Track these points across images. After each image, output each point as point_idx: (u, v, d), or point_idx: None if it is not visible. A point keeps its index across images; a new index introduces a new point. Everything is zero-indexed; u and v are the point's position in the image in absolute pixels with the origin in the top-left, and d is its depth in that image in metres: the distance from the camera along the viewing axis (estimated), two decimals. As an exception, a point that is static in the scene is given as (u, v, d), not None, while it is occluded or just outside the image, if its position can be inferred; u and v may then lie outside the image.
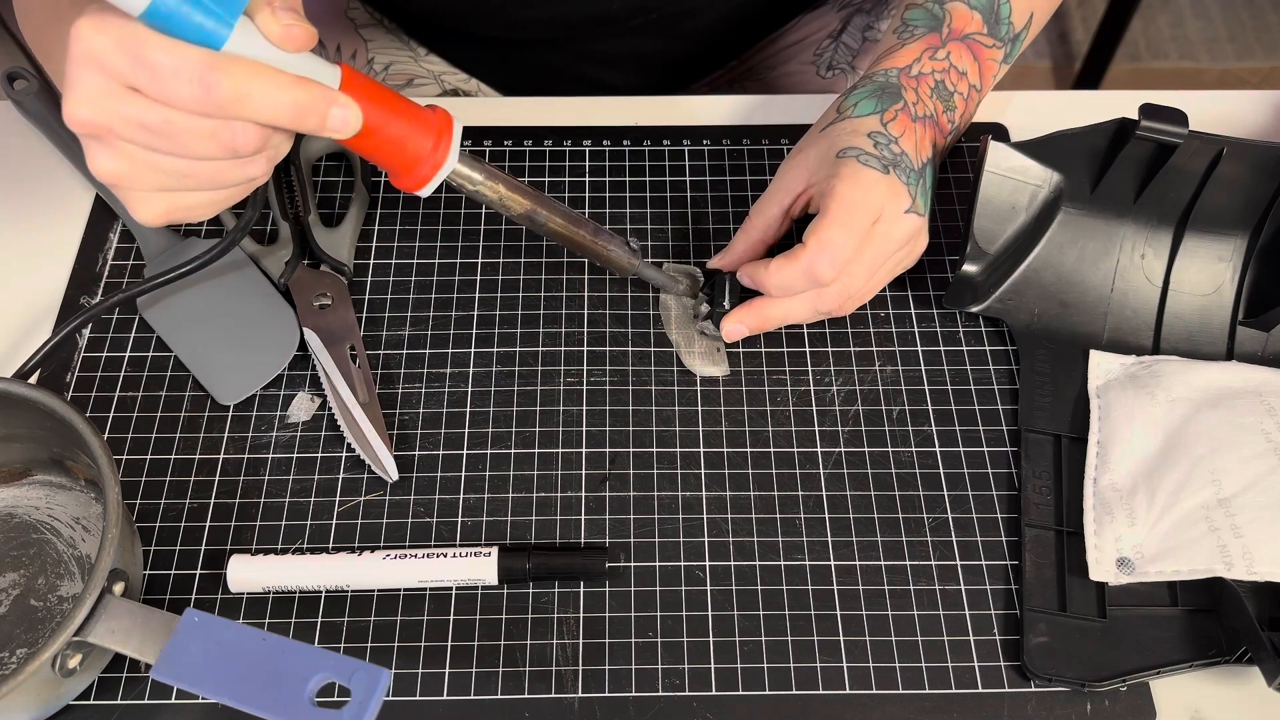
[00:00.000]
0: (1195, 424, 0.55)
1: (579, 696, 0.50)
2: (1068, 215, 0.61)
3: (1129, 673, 0.50)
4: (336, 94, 0.42)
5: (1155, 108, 0.57)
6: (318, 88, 0.41)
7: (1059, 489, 0.55)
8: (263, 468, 0.56)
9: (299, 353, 0.59)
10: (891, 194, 0.55)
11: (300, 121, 0.41)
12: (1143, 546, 0.52)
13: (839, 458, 0.57)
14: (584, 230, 0.55)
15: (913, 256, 0.59)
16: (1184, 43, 1.79)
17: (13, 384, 0.49)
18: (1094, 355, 0.59)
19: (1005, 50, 0.61)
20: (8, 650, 0.50)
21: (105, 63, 0.39)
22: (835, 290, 0.55)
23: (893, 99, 0.57)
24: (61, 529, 0.53)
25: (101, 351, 0.60)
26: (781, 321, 0.57)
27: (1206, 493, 0.53)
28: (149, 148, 0.41)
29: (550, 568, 0.52)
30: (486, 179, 0.51)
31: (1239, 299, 0.60)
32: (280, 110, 0.40)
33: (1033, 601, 0.52)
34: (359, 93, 0.43)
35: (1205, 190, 0.59)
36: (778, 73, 0.84)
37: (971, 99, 0.61)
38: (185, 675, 0.43)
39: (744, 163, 0.68)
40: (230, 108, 0.39)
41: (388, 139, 0.45)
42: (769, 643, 0.51)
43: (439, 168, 0.47)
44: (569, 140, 0.69)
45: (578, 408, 0.58)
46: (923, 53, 0.59)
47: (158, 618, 0.45)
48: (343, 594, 0.52)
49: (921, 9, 0.61)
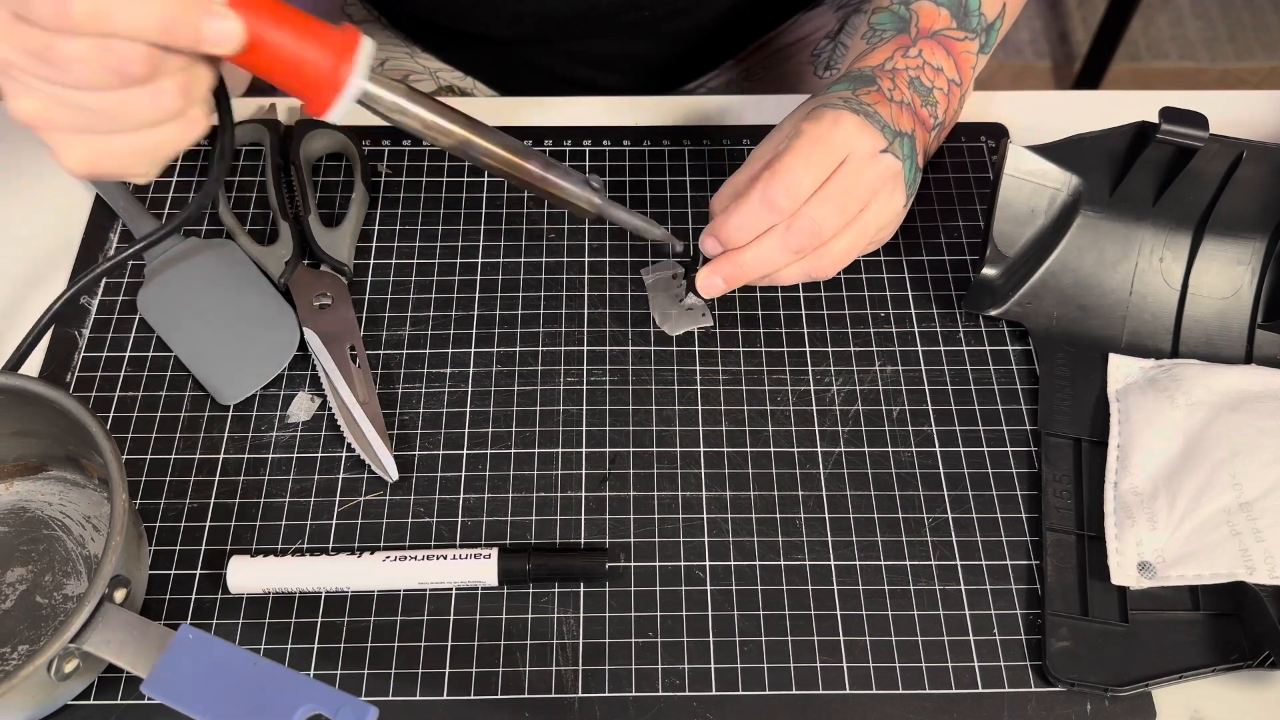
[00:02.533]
0: (1215, 428, 0.55)
1: (579, 696, 0.50)
2: (1086, 218, 0.61)
3: (1151, 678, 0.50)
4: (211, 4, 0.39)
5: (1176, 111, 0.56)
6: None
7: (1079, 493, 0.55)
8: (263, 468, 0.56)
9: (299, 353, 0.59)
10: (860, 130, 0.53)
11: (171, 36, 0.38)
12: (1164, 551, 0.52)
13: (839, 458, 0.57)
14: (531, 164, 0.50)
15: (891, 210, 0.55)
16: (1184, 43, 1.79)
17: (31, 382, 0.50)
18: (1113, 359, 0.59)
19: (980, 40, 0.61)
20: (9, 646, 0.50)
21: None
22: (805, 226, 0.52)
23: (868, 84, 0.57)
24: (72, 526, 0.53)
25: (101, 351, 0.60)
26: (759, 268, 0.53)
27: (1228, 497, 0.53)
28: (46, 79, 0.39)
29: (550, 569, 0.52)
30: (409, 104, 0.46)
31: (1258, 302, 0.60)
32: (146, 24, 0.38)
33: (1055, 606, 0.52)
34: (248, 5, 0.40)
35: (1224, 193, 0.59)
36: (775, 73, 0.84)
37: (953, 94, 0.60)
38: (174, 693, 0.43)
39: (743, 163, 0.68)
40: (91, 24, 0.37)
41: (281, 57, 0.42)
42: (769, 643, 0.51)
43: (339, 88, 0.43)
44: (569, 140, 0.69)
45: (578, 408, 0.58)
46: (894, 52, 0.59)
47: (153, 631, 0.45)
48: (343, 594, 0.52)
49: (887, 12, 0.61)
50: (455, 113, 0.48)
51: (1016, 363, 0.60)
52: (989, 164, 0.68)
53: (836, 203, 0.53)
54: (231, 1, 0.40)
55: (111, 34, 0.37)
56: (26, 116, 0.40)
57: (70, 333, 0.60)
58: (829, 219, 0.53)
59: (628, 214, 0.54)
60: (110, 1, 0.37)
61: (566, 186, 0.51)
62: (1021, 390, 0.59)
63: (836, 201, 0.53)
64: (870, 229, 0.55)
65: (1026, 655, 0.51)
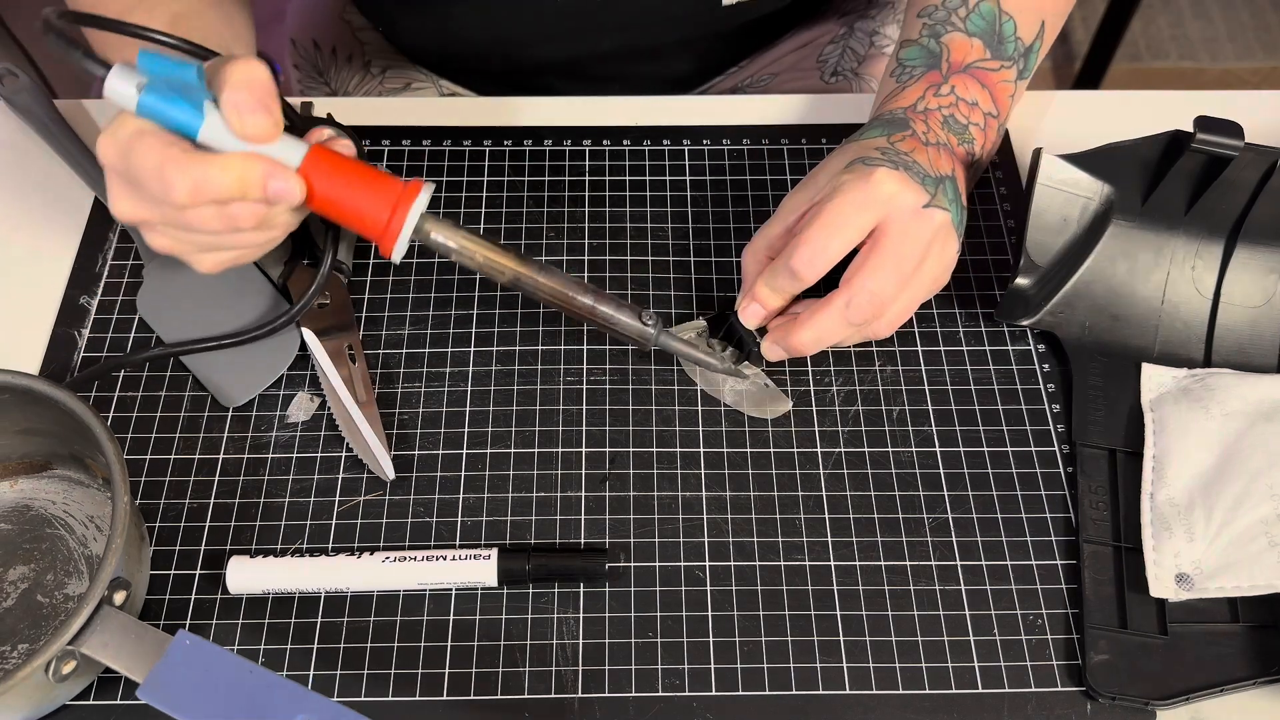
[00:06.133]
0: (1251, 438, 0.55)
1: (579, 696, 0.50)
2: (1118, 227, 0.61)
3: (1193, 690, 0.49)
4: (278, 167, 0.47)
5: (1210, 120, 0.56)
6: (258, 164, 0.46)
7: (1115, 504, 0.55)
8: (262, 468, 0.56)
9: (299, 353, 0.59)
10: (901, 187, 0.52)
11: (246, 191, 0.46)
12: (1202, 562, 0.52)
13: (839, 458, 0.57)
14: (584, 297, 0.53)
15: (945, 261, 0.55)
16: (1184, 43, 1.79)
17: (37, 381, 0.50)
18: (1146, 368, 0.59)
19: (1018, 68, 0.59)
20: (9, 645, 0.50)
21: (118, 171, 0.47)
22: (864, 301, 0.52)
23: (901, 128, 0.56)
24: (75, 526, 0.53)
25: (101, 351, 0.60)
26: (815, 339, 0.54)
27: (1265, 507, 0.52)
28: (178, 227, 0.48)
29: (550, 569, 0.52)
30: (467, 245, 0.52)
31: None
32: (229, 186, 0.46)
33: (1093, 618, 0.52)
34: (320, 166, 0.48)
35: (1258, 201, 0.58)
36: (780, 78, 0.84)
37: (990, 127, 0.59)
38: (170, 699, 0.44)
39: (744, 163, 0.68)
40: (191, 198, 0.45)
41: (347, 209, 0.50)
42: (769, 643, 0.51)
43: (395, 237, 0.50)
44: (569, 140, 0.69)
45: (578, 408, 0.58)
46: (926, 91, 0.58)
47: (150, 636, 0.45)
48: (342, 595, 0.52)
49: (917, 45, 0.59)
50: (509, 251, 0.53)
51: (1016, 362, 0.60)
52: (989, 164, 0.68)
53: (892, 269, 0.52)
54: (302, 168, 0.48)
55: (209, 202, 0.46)
56: (162, 249, 0.50)
57: (70, 333, 0.60)
58: (887, 287, 0.52)
59: (684, 345, 0.55)
60: (201, 178, 0.45)
61: (619, 319, 0.54)
62: (1021, 390, 0.59)
63: (892, 267, 0.52)
64: (926, 283, 0.54)
65: (1027, 655, 0.51)
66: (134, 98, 0.45)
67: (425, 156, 0.68)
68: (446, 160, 0.68)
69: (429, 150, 0.68)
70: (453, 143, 0.69)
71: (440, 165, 0.68)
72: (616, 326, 0.54)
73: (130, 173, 0.47)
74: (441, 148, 0.68)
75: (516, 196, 0.66)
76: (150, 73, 0.45)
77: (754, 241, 0.57)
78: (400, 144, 0.68)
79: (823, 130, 0.69)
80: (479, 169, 0.67)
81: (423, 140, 0.69)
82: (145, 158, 0.45)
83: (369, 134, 0.68)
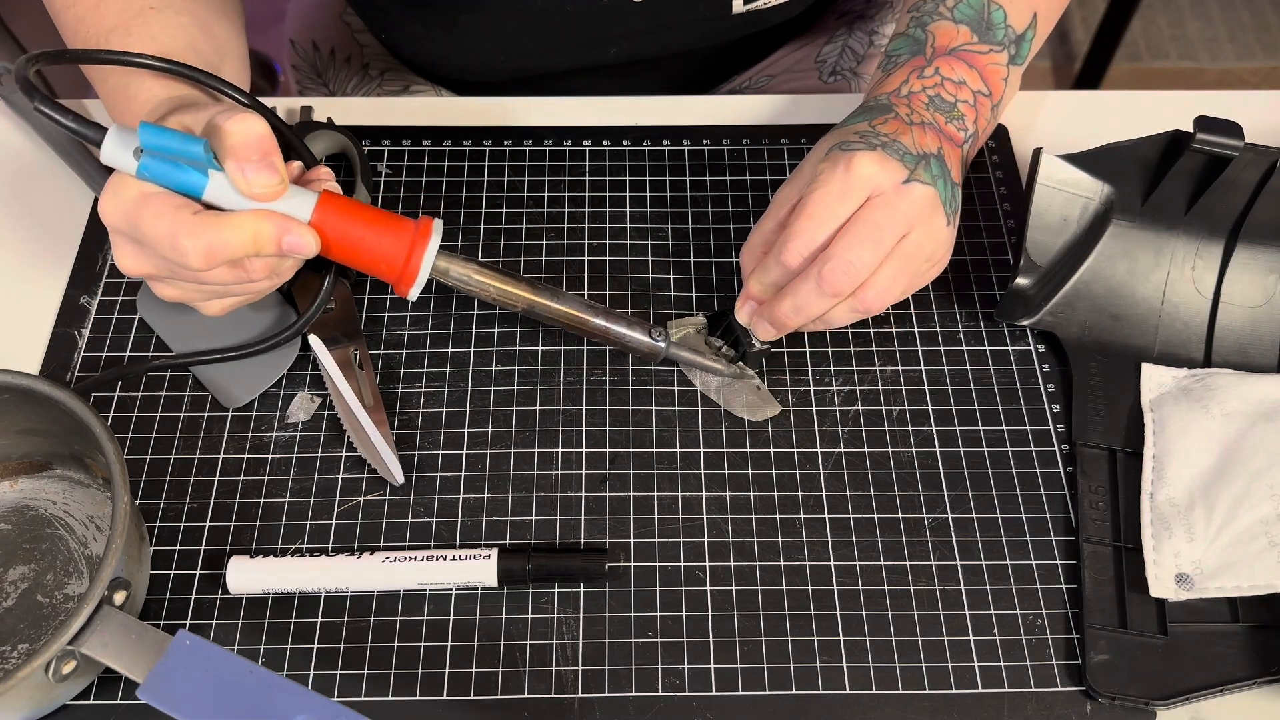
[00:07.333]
0: (1251, 438, 0.55)
1: (579, 696, 0.50)
2: (1118, 227, 0.61)
3: (1193, 690, 0.49)
4: (290, 222, 0.48)
5: (1210, 120, 0.56)
6: (271, 220, 0.47)
7: (1115, 504, 0.55)
8: (262, 468, 0.56)
9: (299, 353, 0.59)
10: (879, 166, 0.52)
11: (260, 248, 0.48)
12: (1202, 562, 0.52)
13: (839, 458, 0.57)
14: (596, 319, 0.56)
15: (935, 235, 0.54)
16: (1184, 43, 1.79)
17: (37, 381, 0.50)
18: (1146, 368, 0.59)
19: (1009, 52, 0.59)
20: (9, 645, 0.50)
21: (122, 231, 0.47)
22: (837, 267, 0.51)
23: (884, 112, 0.56)
24: (75, 526, 0.53)
25: (101, 351, 0.60)
26: (799, 316, 0.53)
27: (1265, 507, 0.52)
28: (190, 282, 0.49)
29: (550, 569, 0.52)
30: (481, 278, 0.54)
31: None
32: (244, 245, 0.47)
33: (1093, 618, 0.52)
34: (331, 215, 0.50)
35: (1258, 202, 0.58)
36: (779, 78, 0.84)
37: (981, 105, 0.58)
38: (170, 699, 0.44)
39: (744, 163, 0.68)
40: (206, 262, 0.46)
41: (362, 254, 0.51)
42: (769, 643, 0.51)
43: (412, 279, 0.52)
44: (569, 140, 0.69)
45: (578, 408, 0.58)
46: (910, 75, 0.58)
47: (150, 636, 0.45)
48: (342, 595, 0.52)
49: (903, 37, 0.60)
50: (523, 282, 0.55)
51: (1016, 362, 0.60)
52: (988, 164, 0.68)
53: (867, 238, 0.51)
54: (314, 220, 0.49)
55: (224, 261, 0.47)
56: (170, 299, 0.51)
57: (70, 333, 0.60)
58: (862, 256, 0.51)
59: (692, 355, 0.58)
60: (215, 241, 0.46)
61: (630, 336, 0.56)
62: (1021, 390, 0.59)
63: (867, 237, 0.51)
64: (915, 257, 0.53)
65: (1026, 655, 0.51)
66: (133, 165, 0.45)
67: (425, 156, 0.68)
68: (446, 160, 0.68)
69: (429, 150, 0.68)
70: (453, 143, 0.69)
71: (440, 165, 0.68)
72: (628, 343, 0.57)
73: (137, 235, 0.47)
74: (441, 148, 0.68)
75: (516, 196, 0.66)
76: (156, 149, 0.45)
77: (750, 239, 0.57)
78: (400, 144, 0.68)
79: (822, 130, 0.69)
80: (479, 169, 0.67)
81: (423, 140, 0.69)
82: (155, 225, 0.46)
83: (369, 134, 0.68)
